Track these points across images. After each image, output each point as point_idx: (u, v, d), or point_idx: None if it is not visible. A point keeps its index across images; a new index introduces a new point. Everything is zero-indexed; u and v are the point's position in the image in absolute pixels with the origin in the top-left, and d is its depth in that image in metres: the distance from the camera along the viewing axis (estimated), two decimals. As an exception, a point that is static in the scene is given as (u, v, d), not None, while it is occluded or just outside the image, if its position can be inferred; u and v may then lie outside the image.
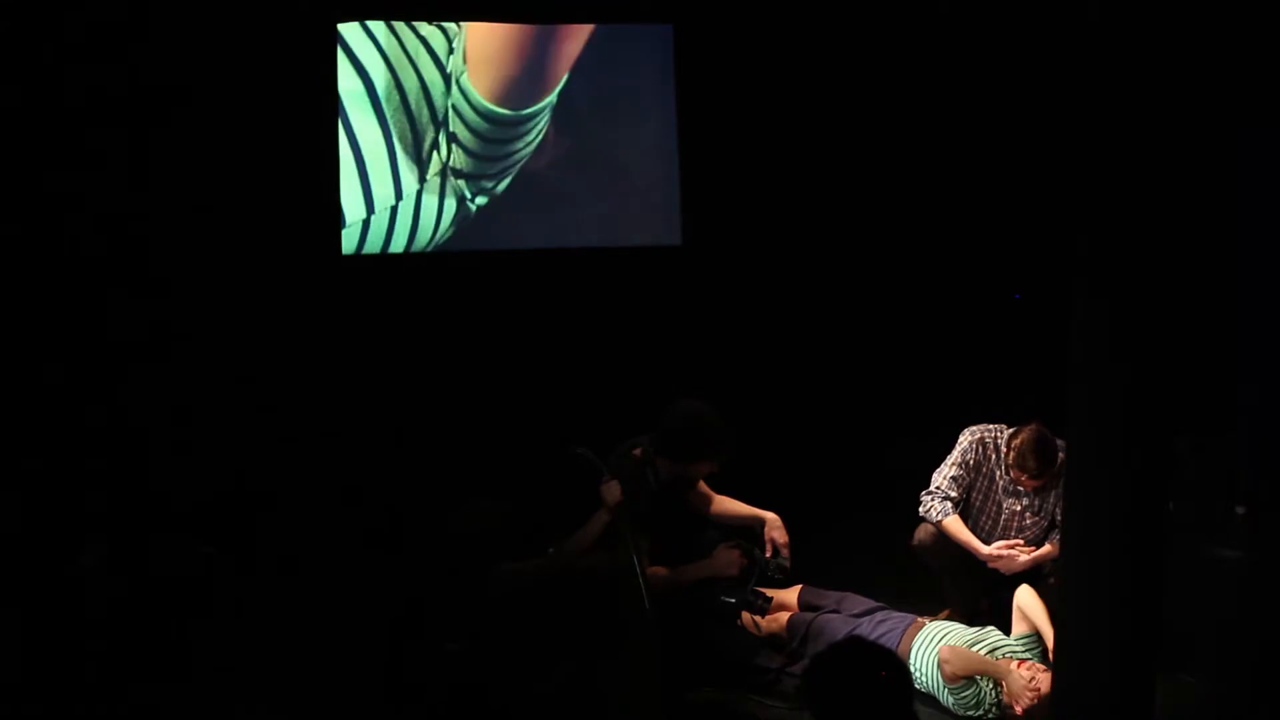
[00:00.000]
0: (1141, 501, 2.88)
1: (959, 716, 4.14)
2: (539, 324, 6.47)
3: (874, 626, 4.44)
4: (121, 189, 5.78)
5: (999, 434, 4.76)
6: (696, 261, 6.82)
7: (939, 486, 4.72)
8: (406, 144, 6.50)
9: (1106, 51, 2.83)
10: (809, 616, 4.57)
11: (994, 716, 4.10)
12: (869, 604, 4.63)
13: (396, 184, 6.48)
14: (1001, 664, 4.08)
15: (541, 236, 6.75)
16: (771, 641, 4.61)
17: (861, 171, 6.84)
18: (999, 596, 4.77)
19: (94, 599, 4.67)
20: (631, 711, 3.96)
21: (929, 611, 4.73)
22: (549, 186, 6.77)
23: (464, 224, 6.63)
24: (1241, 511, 5.74)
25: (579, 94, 6.78)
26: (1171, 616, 2.98)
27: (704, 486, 4.72)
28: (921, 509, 4.73)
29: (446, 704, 3.78)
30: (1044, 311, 4.95)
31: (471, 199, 6.64)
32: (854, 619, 4.52)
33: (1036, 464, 4.52)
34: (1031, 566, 4.63)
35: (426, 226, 6.57)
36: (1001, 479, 4.73)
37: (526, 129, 6.71)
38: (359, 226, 6.44)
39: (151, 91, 5.81)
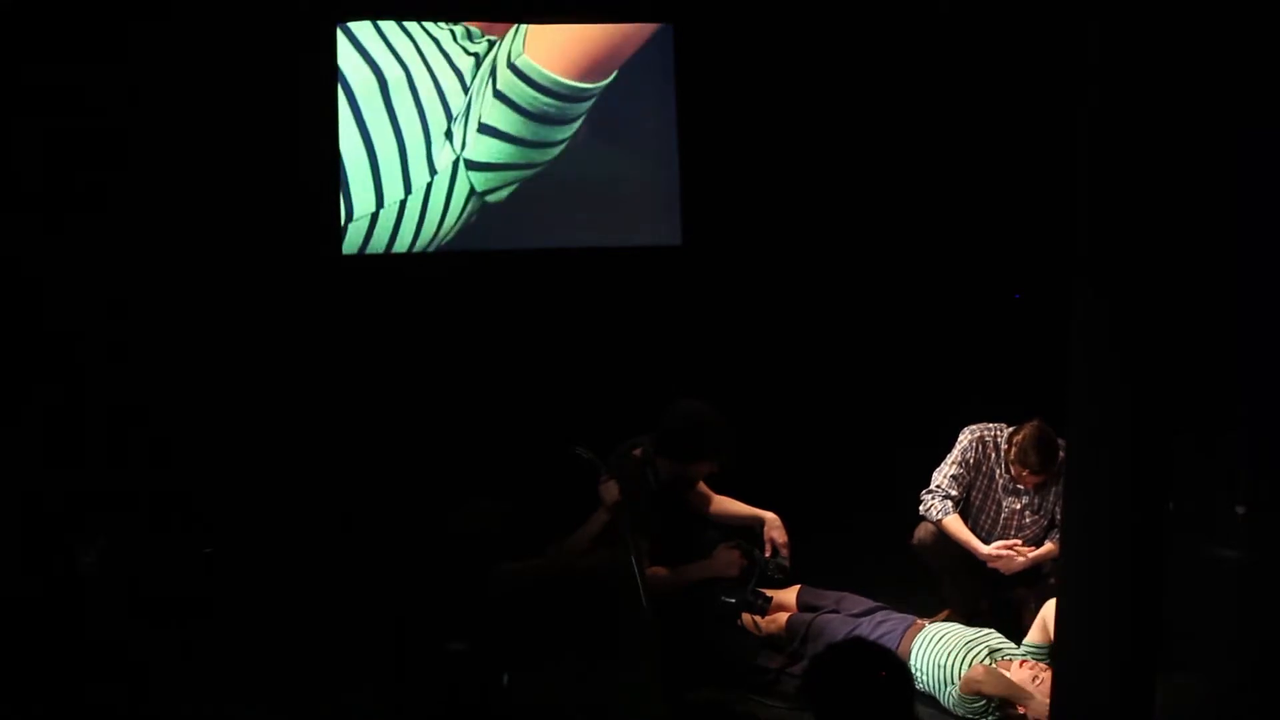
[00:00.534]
0: (1141, 501, 2.88)
1: (959, 717, 4.14)
2: (539, 324, 6.47)
3: (873, 627, 4.44)
4: (121, 189, 5.78)
5: (999, 433, 4.76)
6: (696, 261, 6.82)
7: (939, 485, 4.72)
8: (417, 138, 6.50)
9: (1106, 52, 2.83)
10: (808, 617, 4.57)
11: (995, 718, 4.10)
12: (868, 604, 4.62)
13: (406, 178, 6.48)
14: (1033, 690, 4.04)
15: (541, 236, 6.75)
16: (771, 641, 4.61)
17: (861, 171, 6.84)
18: (999, 596, 4.78)
19: (94, 599, 4.68)
20: (632, 711, 3.96)
21: (929, 611, 4.73)
22: (549, 186, 6.76)
23: (473, 220, 6.63)
24: (1241, 511, 5.76)
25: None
26: (1171, 616, 2.98)
27: (703, 486, 4.72)
28: (921, 508, 4.73)
29: (447, 704, 3.78)
30: (1044, 311, 4.94)
31: (486, 194, 6.64)
32: (853, 619, 4.51)
33: (1038, 460, 4.52)
34: (1031, 566, 4.63)
35: (432, 222, 6.57)
36: (1001, 478, 4.73)
37: (579, 110, 6.72)
38: (367, 220, 6.44)
39: (151, 91, 5.81)
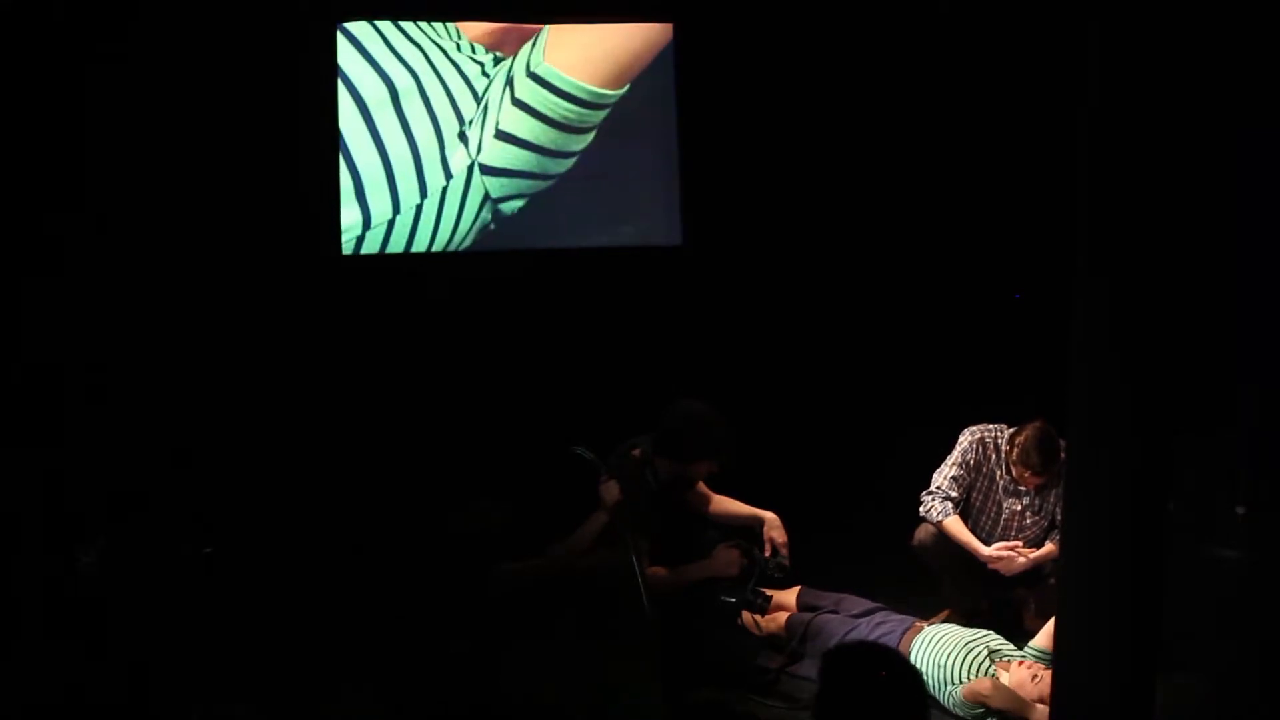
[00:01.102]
0: (1141, 501, 2.88)
1: (959, 717, 4.14)
2: (539, 324, 6.47)
3: (873, 628, 4.44)
4: (121, 190, 5.78)
5: (999, 434, 4.76)
6: (696, 261, 6.82)
7: (939, 486, 4.72)
8: (430, 144, 6.50)
9: (1106, 52, 2.83)
10: (807, 617, 4.57)
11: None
12: (868, 605, 4.63)
13: (421, 183, 6.50)
14: (1033, 691, 4.05)
15: (542, 237, 6.75)
16: (771, 641, 4.61)
17: (862, 171, 6.84)
18: (999, 597, 4.78)
19: (94, 599, 4.68)
20: (632, 711, 3.95)
21: (929, 612, 4.73)
22: (550, 187, 6.76)
23: (488, 226, 6.64)
24: (1241, 511, 5.76)
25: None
26: (1171, 616, 2.98)
27: (703, 486, 4.72)
28: (922, 509, 4.73)
29: (448, 704, 3.78)
30: (1044, 311, 4.95)
31: (499, 201, 6.64)
32: (853, 619, 4.51)
33: (1040, 460, 4.52)
34: (1031, 567, 4.63)
35: (447, 227, 6.57)
36: (1002, 479, 4.73)
37: (597, 119, 6.74)
38: (384, 226, 6.46)
39: (150, 92, 5.81)
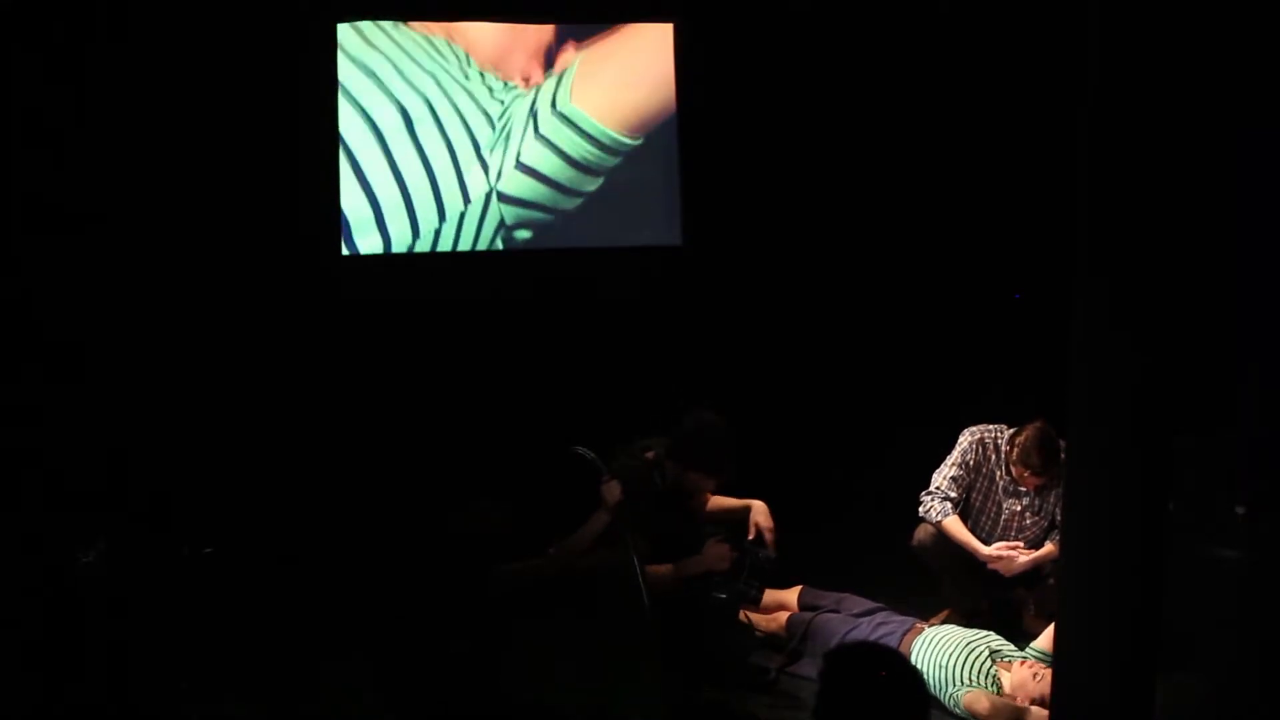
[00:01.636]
0: (1141, 501, 2.88)
1: (959, 716, 4.14)
2: (539, 324, 6.47)
3: (874, 628, 4.44)
4: (121, 190, 5.78)
5: (999, 434, 4.76)
6: (696, 261, 6.82)
7: (939, 487, 4.72)
8: (447, 169, 6.53)
9: (1106, 52, 2.83)
10: (808, 616, 4.57)
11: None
12: (869, 605, 4.62)
13: (440, 207, 6.54)
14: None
15: (542, 237, 6.75)
16: (771, 641, 4.61)
17: (862, 171, 6.84)
18: (999, 597, 4.78)
19: (94, 599, 4.68)
20: (632, 711, 3.96)
21: (929, 612, 4.73)
22: (549, 186, 6.76)
23: (495, 250, 6.68)
24: (1241, 511, 5.75)
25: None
26: (1171, 616, 2.98)
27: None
28: (921, 509, 4.74)
29: (448, 704, 3.78)
30: (1044, 311, 4.95)
31: (513, 228, 6.69)
32: (853, 619, 4.51)
33: (1040, 460, 4.52)
34: (1031, 568, 4.63)
35: (465, 249, 6.64)
36: (1001, 479, 4.73)
37: (611, 164, 6.80)
38: (404, 252, 6.53)
39: (150, 91, 5.81)
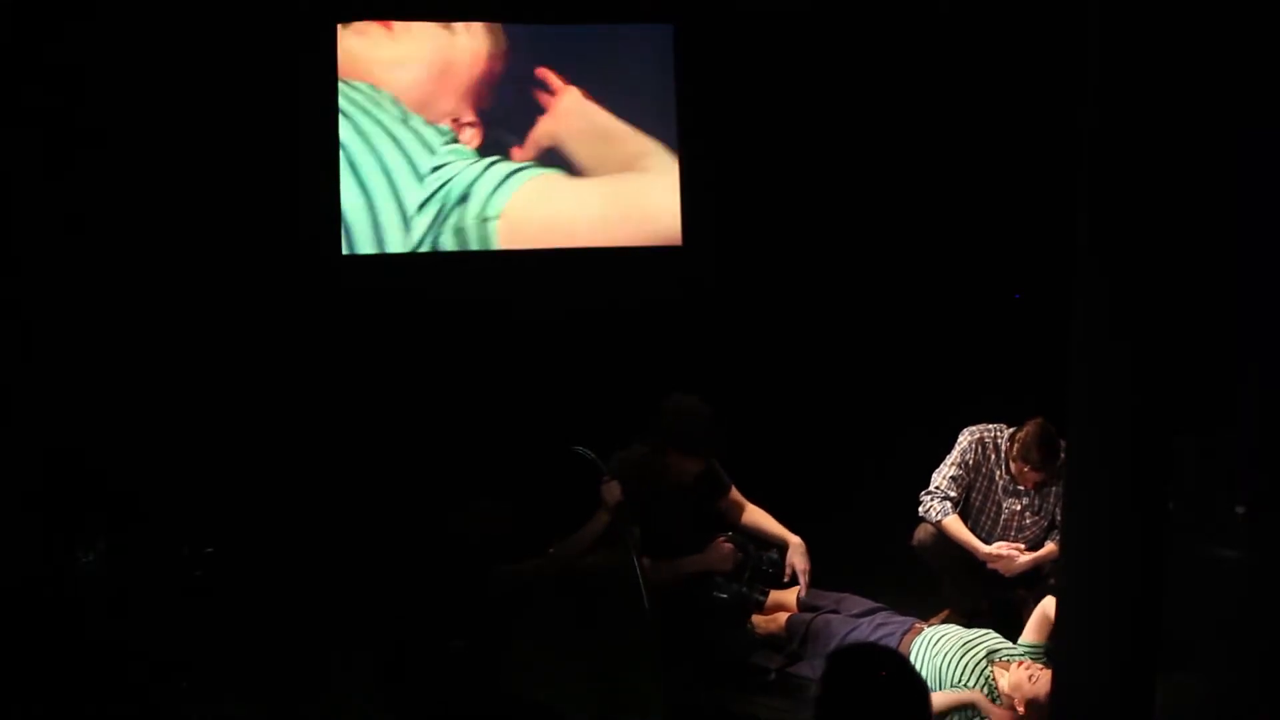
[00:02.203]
0: (1141, 502, 2.88)
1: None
2: (539, 324, 6.47)
3: (873, 629, 4.43)
4: (121, 190, 5.79)
5: (999, 434, 4.76)
6: (696, 261, 6.82)
7: (938, 486, 4.72)
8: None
9: (1107, 52, 2.83)
10: (808, 617, 4.57)
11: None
12: (868, 605, 4.62)
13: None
14: (973, 695, 4.05)
15: (542, 237, 6.75)
16: (771, 641, 4.61)
17: (862, 171, 6.84)
18: (999, 597, 4.78)
19: (94, 599, 4.68)
20: (632, 711, 3.96)
21: (929, 612, 4.73)
22: (550, 186, 6.77)
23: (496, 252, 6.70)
24: (1241, 511, 5.75)
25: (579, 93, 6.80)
26: (1171, 616, 2.97)
27: (737, 495, 4.72)
28: (921, 509, 4.73)
29: (448, 704, 3.78)
30: (1044, 311, 4.94)
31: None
32: (853, 620, 4.51)
33: (1040, 456, 4.52)
34: (1032, 567, 4.63)
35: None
36: (1001, 479, 4.73)
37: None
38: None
39: (150, 91, 5.82)
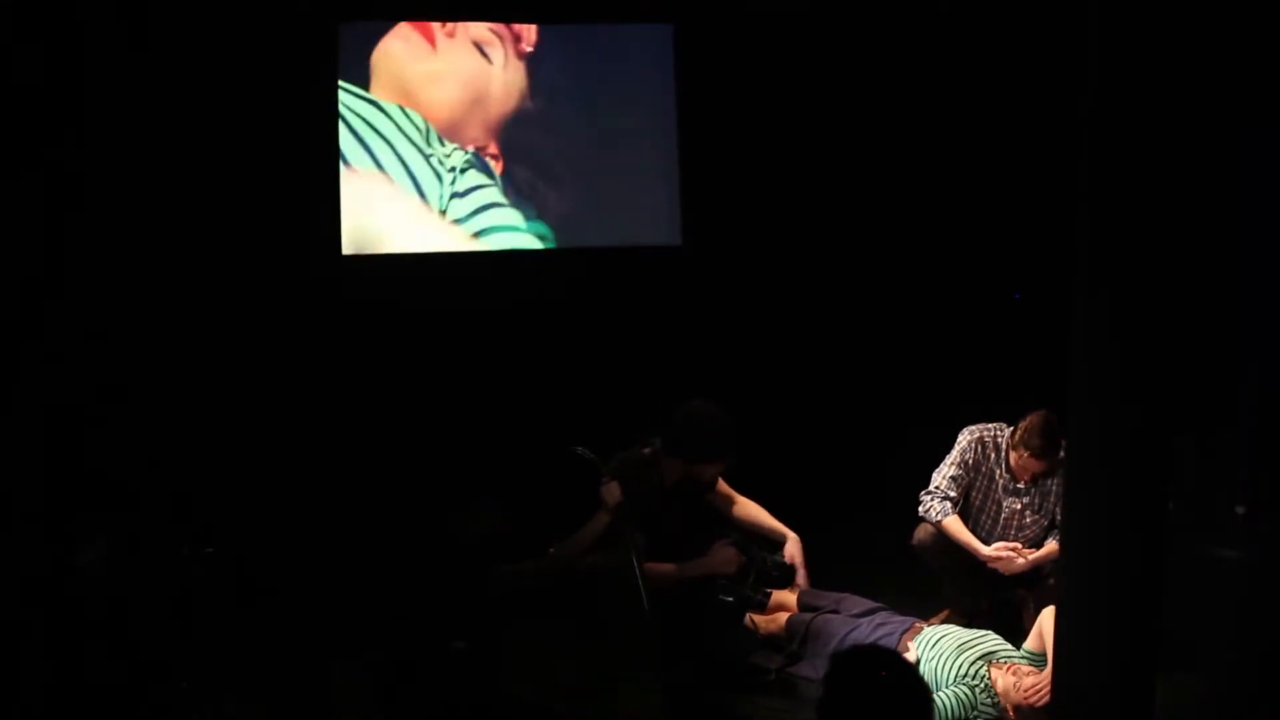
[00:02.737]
0: (1141, 501, 2.88)
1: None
2: (539, 324, 6.47)
3: (873, 629, 4.44)
4: (120, 190, 5.78)
5: (998, 433, 4.76)
6: (696, 261, 6.82)
7: (938, 486, 4.72)
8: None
9: (1106, 51, 2.83)
10: (808, 617, 4.57)
11: (990, 717, 4.10)
12: (868, 605, 4.63)
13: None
14: (1017, 697, 4.06)
15: (542, 237, 6.75)
16: (771, 641, 4.61)
17: (862, 171, 6.84)
18: (999, 597, 4.78)
19: (94, 599, 4.68)
20: (632, 711, 3.95)
21: (929, 612, 4.73)
22: (549, 186, 6.76)
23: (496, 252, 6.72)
24: (1241, 511, 5.74)
25: (579, 94, 6.79)
26: (1171, 616, 2.97)
27: (725, 487, 4.71)
28: (921, 509, 4.74)
29: (448, 704, 3.78)
30: (1044, 311, 4.94)
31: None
32: (853, 620, 4.51)
33: (1041, 444, 4.53)
34: (1032, 567, 4.63)
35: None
36: (1001, 478, 4.73)
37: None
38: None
39: (150, 91, 5.81)
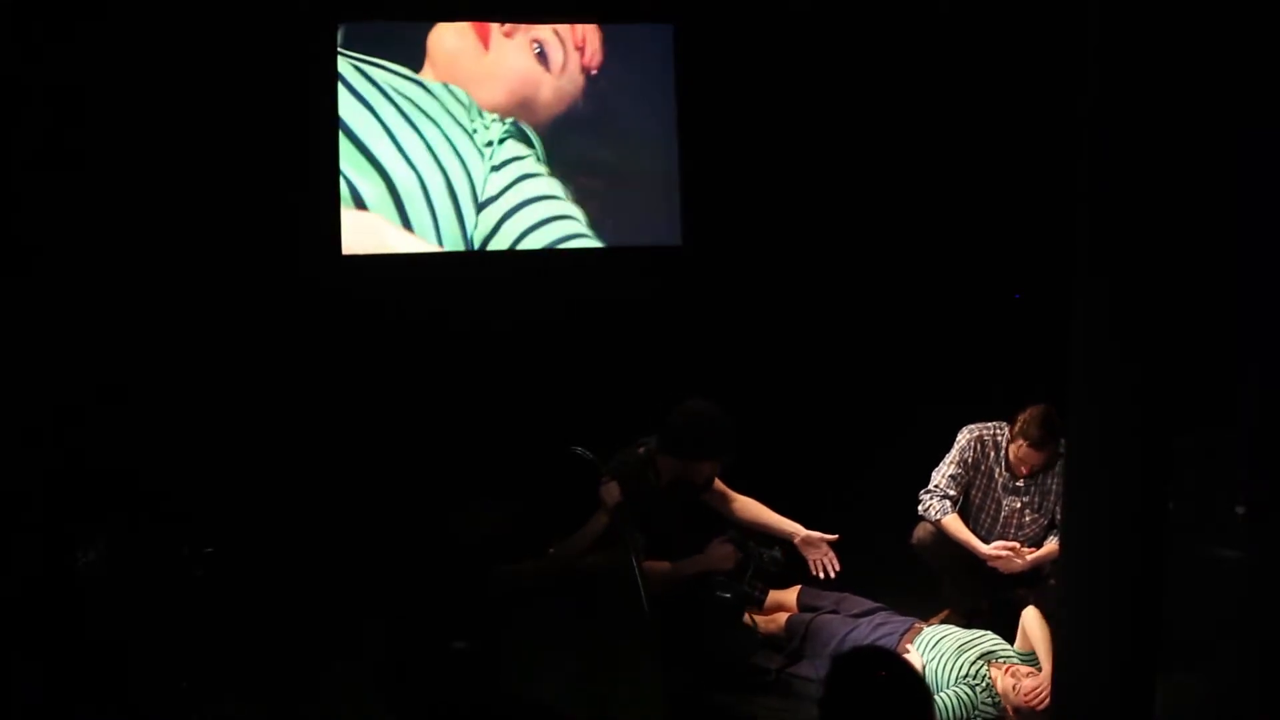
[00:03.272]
0: (1141, 501, 2.88)
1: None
2: (539, 324, 6.47)
3: (872, 629, 4.44)
4: (120, 190, 5.78)
5: (998, 432, 4.76)
6: (696, 261, 6.82)
7: (937, 485, 4.73)
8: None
9: (1106, 51, 2.83)
10: (807, 617, 4.57)
11: (990, 717, 4.10)
12: (868, 605, 4.63)
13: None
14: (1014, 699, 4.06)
15: (542, 237, 6.75)
16: (771, 641, 4.61)
17: (862, 171, 6.84)
18: (999, 597, 4.78)
19: (94, 599, 4.68)
20: (632, 711, 3.95)
21: (929, 612, 4.73)
22: (549, 187, 6.76)
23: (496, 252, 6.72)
24: (1241, 511, 5.74)
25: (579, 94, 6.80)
26: (1171, 616, 2.97)
27: (721, 486, 4.71)
28: (920, 508, 4.74)
29: (448, 704, 3.78)
30: (1044, 311, 4.95)
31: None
32: (852, 619, 4.51)
33: (1040, 433, 4.54)
34: (1032, 567, 4.63)
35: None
36: (1001, 477, 4.73)
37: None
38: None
39: (150, 91, 5.81)
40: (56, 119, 5.63)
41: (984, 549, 4.63)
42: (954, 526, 4.66)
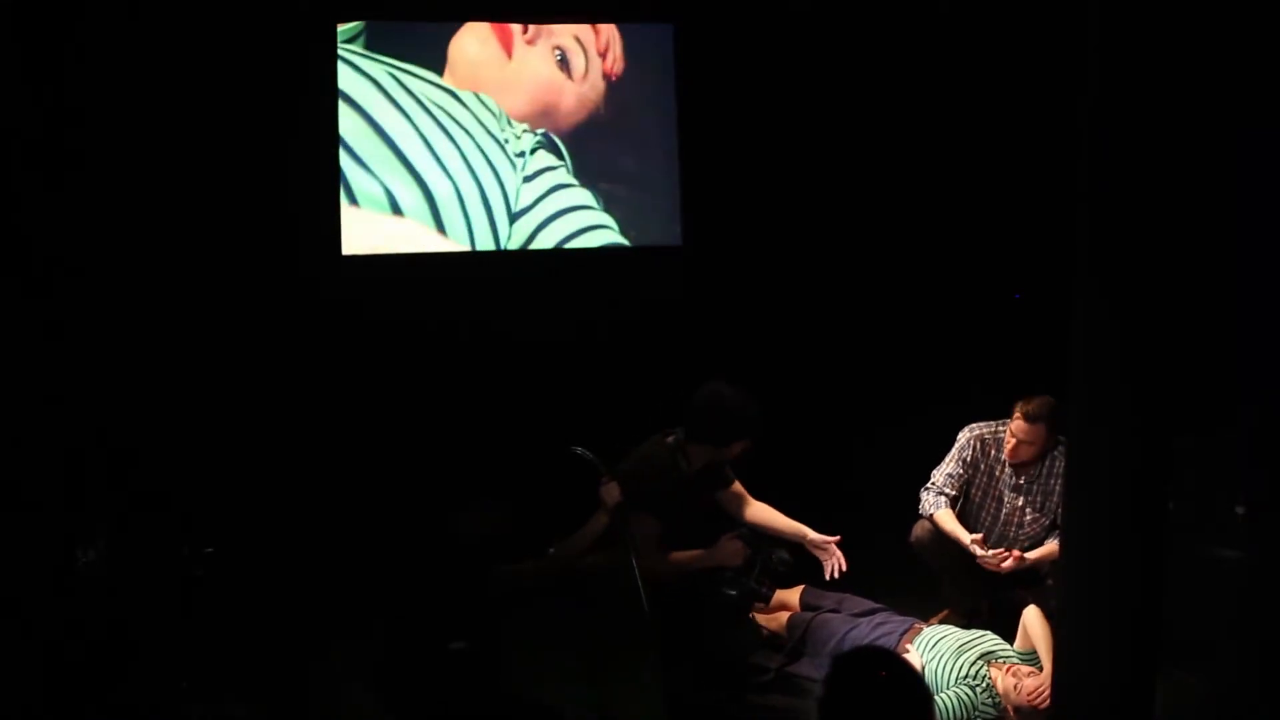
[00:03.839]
0: (1141, 501, 2.88)
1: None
2: (539, 324, 6.47)
3: (873, 628, 4.44)
4: (120, 189, 5.78)
5: (998, 431, 4.76)
6: (696, 261, 6.82)
7: (935, 483, 4.74)
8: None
9: (1106, 51, 2.83)
10: (808, 615, 4.57)
11: (990, 717, 4.10)
12: (869, 605, 4.63)
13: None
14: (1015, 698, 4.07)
15: (542, 237, 6.75)
16: (771, 641, 4.61)
17: (862, 171, 6.84)
18: (999, 597, 4.78)
19: (94, 599, 4.68)
20: (632, 711, 3.96)
21: (929, 612, 4.73)
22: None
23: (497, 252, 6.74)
24: (1241, 511, 5.74)
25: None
26: (1171, 616, 2.98)
27: (740, 488, 4.72)
28: (920, 506, 4.75)
29: (448, 704, 3.78)
30: (1044, 311, 4.95)
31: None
32: (853, 619, 4.51)
33: (1035, 409, 4.54)
34: (1032, 567, 4.63)
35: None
36: (1001, 475, 4.74)
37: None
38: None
39: (150, 91, 5.82)
40: (57, 119, 5.63)
41: (968, 540, 4.60)
42: (945, 520, 4.67)
